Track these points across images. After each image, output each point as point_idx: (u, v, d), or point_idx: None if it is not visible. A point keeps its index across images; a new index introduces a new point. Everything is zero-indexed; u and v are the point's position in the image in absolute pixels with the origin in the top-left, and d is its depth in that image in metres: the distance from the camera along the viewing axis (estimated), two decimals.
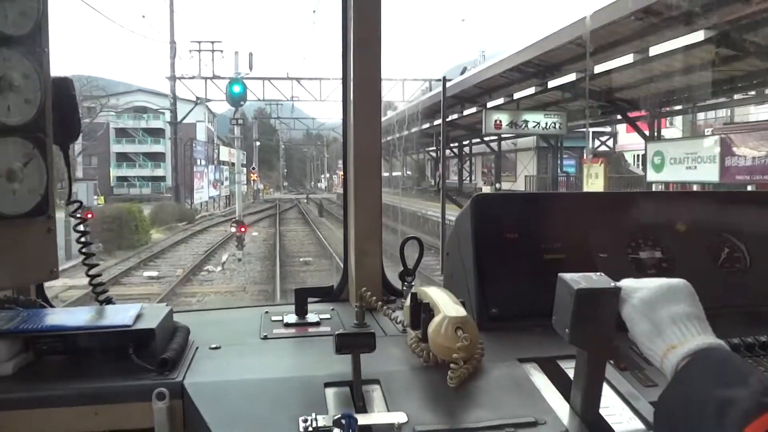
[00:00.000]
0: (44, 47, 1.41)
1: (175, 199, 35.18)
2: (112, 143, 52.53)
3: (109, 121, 47.22)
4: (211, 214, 37.60)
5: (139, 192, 50.46)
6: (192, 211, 34.27)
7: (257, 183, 59.39)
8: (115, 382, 1.29)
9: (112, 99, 43.83)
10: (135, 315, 1.42)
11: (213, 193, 41.99)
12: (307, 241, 25.20)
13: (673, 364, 1.00)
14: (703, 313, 1.07)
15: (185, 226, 28.92)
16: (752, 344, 1.45)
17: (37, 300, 1.66)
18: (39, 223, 1.45)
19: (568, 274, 1.07)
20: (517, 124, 22.36)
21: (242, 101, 24.86)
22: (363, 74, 1.83)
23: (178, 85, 32.60)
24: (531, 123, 22.48)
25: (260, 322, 1.71)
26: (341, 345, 1.21)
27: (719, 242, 1.83)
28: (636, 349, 1.35)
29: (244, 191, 47.42)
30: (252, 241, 23.58)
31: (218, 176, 45.00)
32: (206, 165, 42.11)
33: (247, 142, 63.37)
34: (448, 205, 18.43)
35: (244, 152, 51.47)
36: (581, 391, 1.11)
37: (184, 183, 37.54)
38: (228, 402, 1.23)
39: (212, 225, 30.05)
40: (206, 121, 50.21)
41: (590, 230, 1.74)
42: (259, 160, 66.29)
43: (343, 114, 1.92)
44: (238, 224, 21.30)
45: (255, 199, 53.46)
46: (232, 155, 45.42)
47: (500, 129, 22.42)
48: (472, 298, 1.61)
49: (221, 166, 47.39)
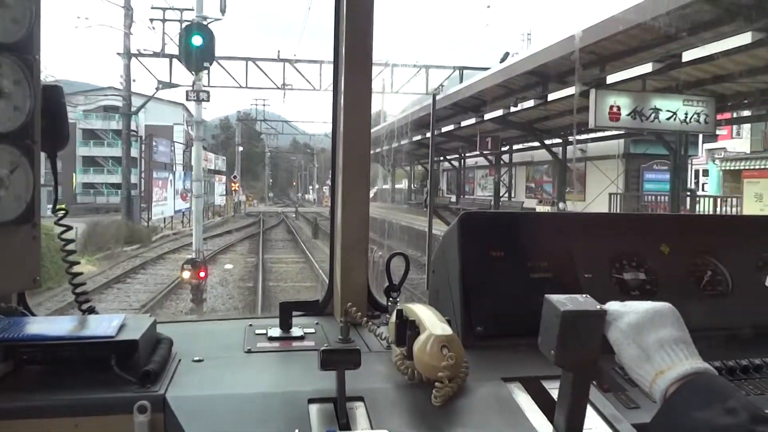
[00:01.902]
0: (35, 54, 1.41)
1: (126, 214, 26.51)
2: (78, 145, 47.62)
3: (76, 120, 41.78)
4: (177, 233, 29.00)
5: (106, 201, 45.61)
6: (148, 230, 26.58)
7: (239, 194, 51.59)
8: (97, 393, 1.27)
9: (79, 96, 40.10)
10: (118, 325, 1.41)
11: (182, 205, 32.40)
12: (302, 280, 18.05)
13: (662, 389, 1.01)
14: (690, 337, 1.08)
15: (135, 251, 21.89)
16: (733, 368, 1.47)
17: (18, 308, 1.63)
18: (24, 230, 1.43)
19: (555, 296, 1.08)
20: (643, 113, 15.22)
21: (207, 62, 16.46)
22: (354, 87, 1.84)
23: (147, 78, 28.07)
24: (664, 113, 15.22)
25: (244, 335, 1.70)
26: (326, 361, 1.20)
27: (702, 265, 1.85)
28: (619, 370, 1.37)
29: (222, 203, 43.48)
30: (222, 283, 17.08)
31: (187, 185, 33.16)
32: (172, 171, 33.75)
33: (230, 149, 59.00)
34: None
35: (224, 158, 48.95)
36: (565, 413, 1.12)
37: (142, 193, 29.51)
38: (210, 416, 1.22)
39: (172, 250, 22.62)
40: (184, 124, 43.49)
41: (575, 250, 1.76)
42: (242, 168, 59.20)
43: (333, 126, 1.92)
44: (195, 266, 13.53)
45: (236, 212, 45.93)
46: (208, 161, 39.73)
47: (617, 120, 15.28)
48: (458, 315, 1.62)
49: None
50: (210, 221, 34.25)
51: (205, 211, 34.12)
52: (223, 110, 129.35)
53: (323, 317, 1.92)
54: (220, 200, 43.29)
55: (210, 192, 38.34)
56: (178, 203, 32.20)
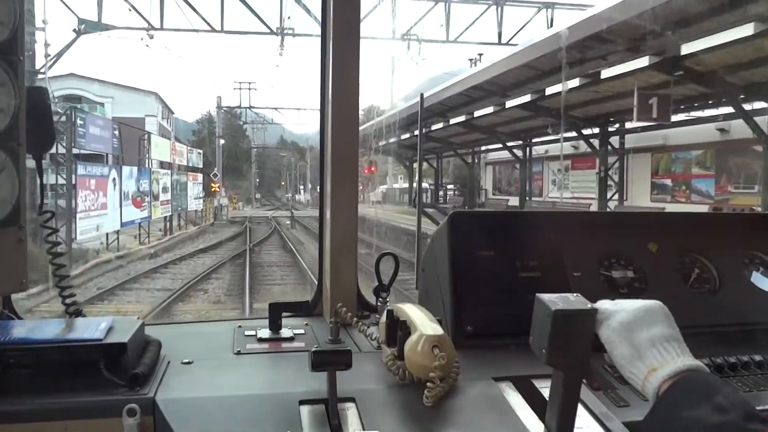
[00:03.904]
0: (20, 56, 1.39)
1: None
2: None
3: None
4: (124, 255, 20.06)
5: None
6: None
7: (220, 195, 42.83)
8: (85, 397, 1.26)
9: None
10: (106, 328, 1.40)
11: (136, 215, 23.05)
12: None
13: (655, 387, 1.02)
14: (680, 335, 1.09)
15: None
16: (721, 365, 1.48)
17: (4, 311, 1.62)
18: (10, 233, 1.42)
19: (546, 295, 1.08)
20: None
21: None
22: (341, 88, 1.83)
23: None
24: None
25: (233, 336, 1.69)
26: (317, 363, 1.20)
27: (690, 263, 1.86)
28: (609, 368, 1.37)
29: (200, 207, 35.13)
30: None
31: (145, 186, 24.24)
32: (117, 166, 22.70)
33: (210, 145, 48.49)
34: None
35: (200, 151, 38.16)
36: (556, 411, 1.12)
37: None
38: (200, 419, 1.21)
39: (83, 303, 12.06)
40: (159, 117, 37.98)
41: (565, 249, 1.77)
42: (224, 166, 51.00)
43: (321, 127, 1.92)
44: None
45: (216, 219, 37.38)
46: (178, 154, 30.62)
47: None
48: (448, 315, 1.62)
49: (159, 169, 27.70)
50: (181, 233, 28.15)
51: (176, 219, 29.03)
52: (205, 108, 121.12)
53: (313, 318, 1.92)
54: (196, 204, 34.57)
55: (182, 195, 30.78)
56: (128, 212, 22.18)
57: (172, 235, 26.87)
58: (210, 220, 36.16)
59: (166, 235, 26.51)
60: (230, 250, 23.40)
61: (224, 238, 27.15)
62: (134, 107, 37.81)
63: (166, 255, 21.54)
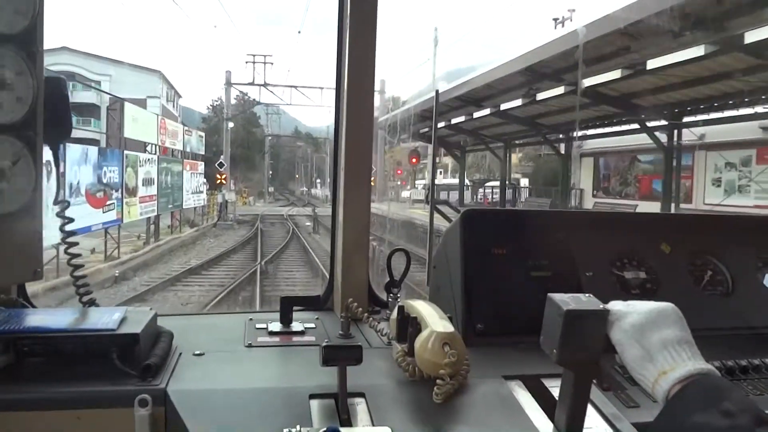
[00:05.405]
0: (39, 46, 1.40)
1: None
2: None
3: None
4: (54, 287, 10.90)
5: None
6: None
7: (227, 189, 33.30)
8: (98, 386, 1.27)
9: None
10: (119, 319, 1.41)
11: (97, 218, 16.09)
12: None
13: (665, 390, 1.01)
14: (692, 338, 1.08)
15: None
16: (733, 368, 1.47)
17: (18, 299, 1.63)
18: (26, 222, 1.43)
19: (558, 295, 1.08)
20: None
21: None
22: (356, 85, 1.83)
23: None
24: None
25: (244, 329, 1.70)
26: (328, 357, 1.20)
27: (702, 265, 1.85)
28: (619, 369, 1.37)
29: (201, 204, 27.91)
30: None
31: (112, 176, 17.23)
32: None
33: (220, 134, 40.14)
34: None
35: (201, 134, 30.63)
36: (566, 411, 1.12)
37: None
38: (211, 411, 1.22)
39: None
40: (164, 99, 31.84)
41: (576, 249, 1.76)
42: (233, 155, 43.11)
43: (335, 125, 1.92)
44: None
45: (219, 219, 29.86)
46: (167, 134, 22.60)
47: None
48: (458, 312, 1.62)
49: (139, 153, 19.87)
50: (171, 238, 21.59)
51: (169, 219, 23.11)
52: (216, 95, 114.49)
53: (323, 312, 1.92)
54: (195, 200, 27.04)
55: (174, 188, 23.48)
56: (80, 213, 14.26)
57: (158, 243, 20.19)
58: (214, 219, 29.88)
59: (148, 244, 19.70)
60: (233, 269, 17.05)
61: (227, 249, 20.45)
62: (135, 87, 33.99)
63: (139, 279, 15.23)
